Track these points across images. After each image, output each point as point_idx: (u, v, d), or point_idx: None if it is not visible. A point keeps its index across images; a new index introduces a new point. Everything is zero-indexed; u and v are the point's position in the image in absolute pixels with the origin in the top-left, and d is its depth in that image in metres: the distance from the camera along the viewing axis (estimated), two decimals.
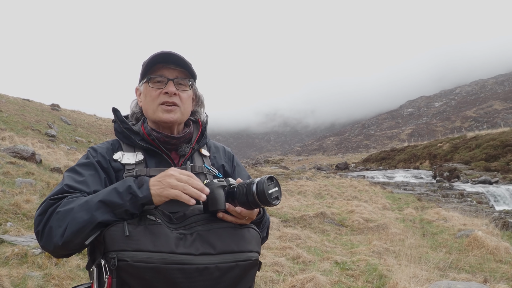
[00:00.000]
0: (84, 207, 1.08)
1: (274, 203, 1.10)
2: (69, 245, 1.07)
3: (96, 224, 1.06)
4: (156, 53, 1.34)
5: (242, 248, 1.15)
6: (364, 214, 10.53)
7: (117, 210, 1.08)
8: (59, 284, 3.68)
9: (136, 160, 1.32)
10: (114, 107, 1.43)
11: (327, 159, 59.56)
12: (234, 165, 1.55)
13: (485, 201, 15.29)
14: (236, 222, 1.18)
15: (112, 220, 1.07)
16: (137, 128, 1.38)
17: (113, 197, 1.09)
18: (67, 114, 37.30)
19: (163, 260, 1.03)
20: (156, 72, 1.35)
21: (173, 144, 1.38)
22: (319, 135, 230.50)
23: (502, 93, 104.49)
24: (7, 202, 5.85)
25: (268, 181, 1.11)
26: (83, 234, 1.06)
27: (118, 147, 1.38)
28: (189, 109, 1.43)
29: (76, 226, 1.06)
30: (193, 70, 1.40)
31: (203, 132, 1.47)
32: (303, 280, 4.49)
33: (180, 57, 1.34)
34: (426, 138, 66.32)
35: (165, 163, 1.36)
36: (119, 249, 1.03)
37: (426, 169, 28.59)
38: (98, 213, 1.07)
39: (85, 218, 1.06)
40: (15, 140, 14.42)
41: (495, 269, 5.78)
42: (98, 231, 1.08)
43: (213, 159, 1.49)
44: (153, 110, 1.36)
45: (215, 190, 1.16)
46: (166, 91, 1.33)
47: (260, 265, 1.22)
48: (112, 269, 1.02)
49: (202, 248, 1.09)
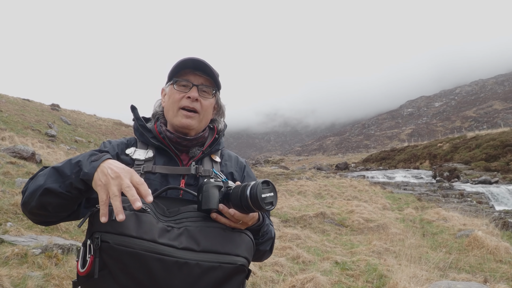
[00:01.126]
0: (44, 172, 1.15)
1: (267, 208, 1.08)
2: (27, 206, 1.15)
3: (44, 189, 1.10)
4: (186, 58, 1.38)
5: (228, 250, 1.11)
6: (364, 214, 10.54)
7: (65, 181, 1.10)
8: (59, 284, 3.68)
9: (146, 157, 1.35)
10: (132, 104, 1.47)
11: (327, 159, 59.55)
12: (245, 174, 1.54)
13: (485, 201, 15.29)
14: (229, 225, 1.16)
15: (57, 191, 1.09)
16: (150, 126, 1.43)
17: (65, 167, 1.12)
18: (67, 114, 37.32)
19: (142, 247, 1.02)
20: (183, 76, 1.39)
21: (184, 146, 1.39)
22: (319, 135, 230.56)
23: (502, 93, 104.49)
24: (7, 202, 5.85)
25: (263, 185, 1.09)
26: (35, 197, 1.12)
27: (133, 144, 1.42)
28: (208, 117, 1.45)
29: (31, 188, 1.14)
30: (219, 81, 1.43)
31: (217, 139, 1.48)
32: (303, 280, 4.49)
33: (208, 65, 1.38)
34: (426, 138, 66.32)
35: (173, 162, 1.37)
36: (104, 231, 1.04)
37: (426, 169, 28.59)
38: (49, 180, 1.11)
39: (39, 182, 1.13)
40: (15, 140, 14.42)
41: (495, 269, 5.78)
42: (47, 199, 1.11)
43: (224, 166, 1.49)
44: (173, 112, 1.39)
45: (209, 189, 1.15)
46: (189, 96, 1.37)
47: (248, 274, 1.17)
48: (95, 249, 1.03)
49: (186, 242, 1.07)
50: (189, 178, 1.36)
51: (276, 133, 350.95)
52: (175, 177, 1.35)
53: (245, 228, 1.20)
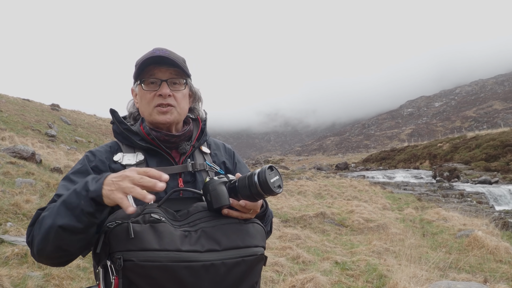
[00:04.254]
0: (51, 211, 1.06)
1: (277, 192, 1.10)
2: (43, 252, 1.06)
3: (57, 228, 1.02)
4: (147, 56, 1.32)
5: (247, 243, 1.14)
6: (364, 214, 10.53)
7: (76, 211, 1.02)
8: (59, 284, 3.68)
9: (137, 161, 1.31)
10: (112, 108, 1.41)
11: (327, 159, 59.55)
12: (236, 161, 1.54)
13: (485, 201, 15.29)
14: (241, 217, 1.18)
15: (72, 224, 1.01)
16: (136, 128, 1.36)
17: (72, 196, 1.05)
18: (67, 114, 37.31)
19: (169, 259, 1.02)
20: (149, 73, 1.34)
21: (173, 143, 1.36)
22: (319, 135, 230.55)
23: (502, 93, 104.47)
24: (7, 202, 5.84)
25: (269, 171, 1.11)
26: (49, 240, 1.03)
27: (117, 149, 1.36)
28: (186, 107, 1.41)
29: (42, 233, 1.04)
30: (186, 68, 1.37)
31: (203, 130, 1.46)
32: (303, 280, 4.49)
33: (171, 57, 1.32)
34: (426, 138, 66.33)
35: (166, 162, 1.34)
36: (124, 249, 1.02)
37: (426, 169, 28.60)
38: (59, 217, 1.03)
39: (48, 223, 1.04)
40: (15, 140, 14.42)
41: (495, 269, 5.78)
42: (64, 239, 1.03)
43: (214, 156, 1.48)
44: (149, 112, 1.35)
45: (217, 187, 1.15)
46: (160, 93, 1.32)
47: (265, 260, 1.22)
48: (118, 269, 1.01)
49: (208, 244, 1.08)
50: (185, 176, 1.35)
51: (276, 133, 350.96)
52: (172, 177, 1.32)
53: (254, 216, 1.23)
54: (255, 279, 1.19)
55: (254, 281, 1.18)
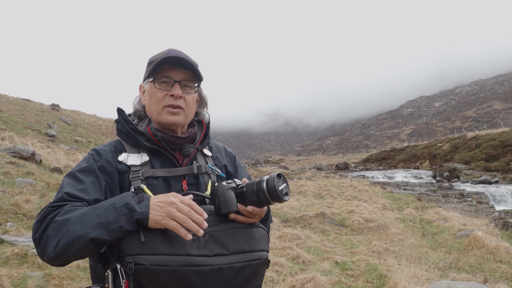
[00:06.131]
0: (80, 219, 1.05)
1: (285, 199, 1.14)
2: (61, 257, 1.06)
3: (88, 240, 1.02)
4: (165, 56, 1.32)
5: (253, 247, 1.17)
6: (364, 214, 10.52)
7: (111, 226, 1.03)
8: (59, 284, 3.68)
9: (142, 161, 1.31)
10: (119, 107, 1.41)
11: (327, 159, 59.55)
12: (236, 165, 1.56)
13: (485, 201, 15.29)
14: (247, 221, 1.20)
15: (103, 238, 1.02)
16: (142, 129, 1.36)
17: (109, 211, 1.05)
18: (67, 114, 37.32)
19: (179, 263, 1.04)
20: (163, 73, 1.34)
21: (177, 144, 1.37)
22: (319, 135, 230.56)
23: (502, 93, 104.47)
24: (7, 202, 5.85)
25: (277, 178, 1.14)
26: (74, 248, 1.03)
27: (121, 148, 1.36)
28: (193, 111, 1.43)
29: (68, 239, 1.03)
30: (200, 73, 1.38)
31: (207, 133, 1.48)
32: (303, 280, 4.49)
33: (188, 59, 1.33)
34: (426, 138, 66.32)
35: (170, 163, 1.35)
36: (135, 253, 1.03)
37: (426, 169, 28.59)
38: (91, 229, 1.03)
39: (78, 232, 1.03)
40: (15, 140, 14.42)
41: (495, 269, 5.77)
42: (88, 249, 1.04)
43: (215, 159, 1.50)
44: (158, 111, 1.35)
45: (226, 192, 1.17)
46: (172, 94, 1.33)
47: (268, 263, 1.24)
48: (129, 273, 1.02)
49: (216, 249, 1.11)
50: (189, 178, 1.36)
51: (276, 133, 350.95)
52: (176, 179, 1.33)
53: (258, 221, 1.26)
54: (259, 282, 1.21)
55: (258, 284, 1.20)
